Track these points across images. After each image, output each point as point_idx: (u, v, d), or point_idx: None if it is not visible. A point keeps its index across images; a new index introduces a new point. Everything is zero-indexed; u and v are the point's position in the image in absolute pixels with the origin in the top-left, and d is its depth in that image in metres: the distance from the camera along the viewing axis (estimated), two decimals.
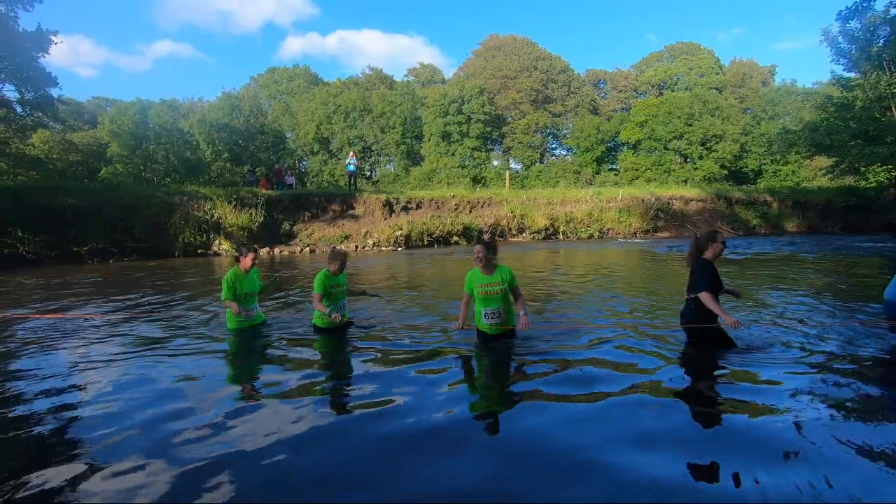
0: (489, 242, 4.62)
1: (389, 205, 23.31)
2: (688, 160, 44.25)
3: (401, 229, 21.13)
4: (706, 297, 4.12)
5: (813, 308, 6.42)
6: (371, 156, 47.83)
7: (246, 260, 5.45)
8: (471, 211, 24.63)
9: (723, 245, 4.39)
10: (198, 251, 18.26)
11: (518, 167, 48.86)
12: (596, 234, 25.23)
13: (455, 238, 22.31)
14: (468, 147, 45.29)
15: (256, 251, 5.60)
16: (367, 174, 47.56)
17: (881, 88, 25.26)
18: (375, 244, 20.66)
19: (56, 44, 19.07)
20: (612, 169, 46.96)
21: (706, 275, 4.23)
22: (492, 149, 49.25)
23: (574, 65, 53.38)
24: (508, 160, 49.59)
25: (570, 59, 67.82)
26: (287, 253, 19.02)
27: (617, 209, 26.49)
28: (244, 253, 5.51)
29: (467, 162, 45.61)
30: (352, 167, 25.35)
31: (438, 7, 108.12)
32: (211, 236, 18.81)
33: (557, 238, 24.44)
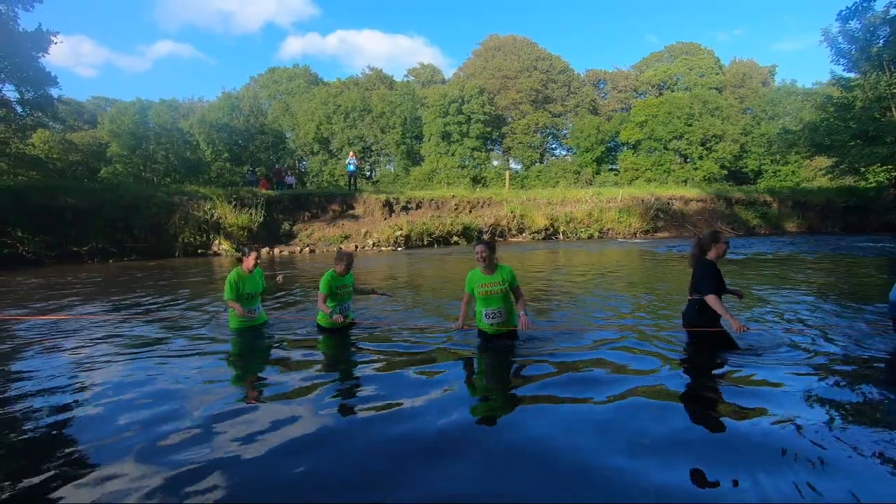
0: (490, 242, 4.62)
1: (389, 205, 23.31)
2: (688, 160, 44.26)
3: (400, 229, 21.13)
4: (713, 300, 4.09)
5: (815, 308, 6.41)
6: (371, 156, 47.84)
7: (249, 260, 5.44)
8: (471, 211, 24.63)
9: (726, 245, 4.37)
10: (198, 251, 18.26)
11: (518, 167, 48.88)
12: (596, 235, 25.23)
13: (455, 238, 22.30)
14: (468, 147, 45.29)
15: (259, 251, 5.59)
16: (367, 174, 47.57)
17: (881, 89, 25.27)
18: (375, 244, 20.66)
19: (56, 44, 19.08)
20: (612, 169, 46.97)
21: (709, 276, 4.20)
22: (492, 149, 49.26)
23: (574, 65, 53.45)
24: (508, 160, 49.60)
25: (570, 60, 67.95)
26: (287, 253, 19.02)
27: (617, 209, 26.49)
28: (247, 253, 5.49)
29: (467, 162, 45.62)
30: (352, 167, 25.35)
31: (438, 7, 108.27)
32: (211, 236, 18.81)
33: (557, 238, 24.44)
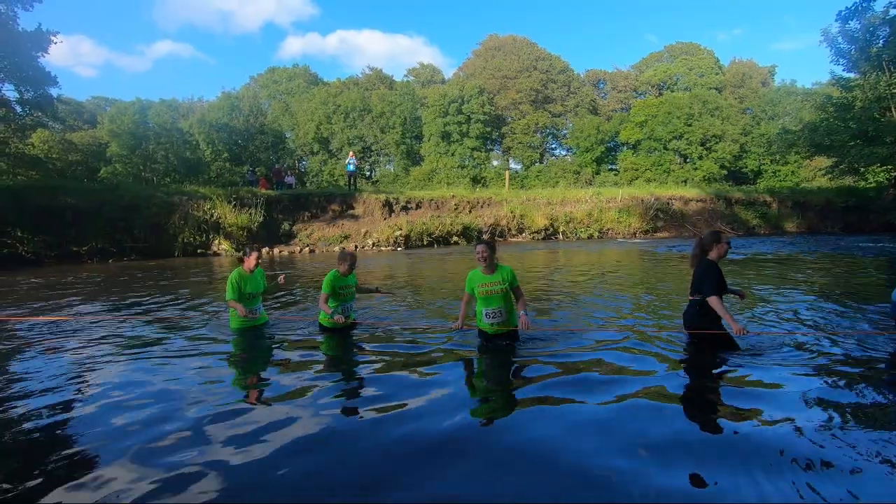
0: (491, 242, 4.63)
1: (389, 205, 23.30)
2: (687, 160, 44.27)
3: (400, 229, 21.13)
4: (715, 302, 4.07)
5: (816, 309, 6.40)
6: (371, 156, 47.83)
7: (250, 260, 5.45)
8: (470, 211, 24.63)
9: (727, 245, 4.35)
10: (197, 251, 18.26)
11: (518, 167, 48.88)
12: (595, 235, 25.24)
13: (455, 238, 22.31)
14: (468, 147, 45.29)
15: (260, 251, 5.59)
16: (367, 174, 47.55)
17: (881, 89, 25.30)
18: (375, 244, 20.66)
19: (56, 43, 19.07)
20: (612, 169, 46.97)
21: (711, 276, 4.18)
22: (491, 149, 49.26)
23: (574, 65, 53.44)
24: (508, 160, 49.60)
25: (570, 60, 67.89)
26: (286, 253, 19.02)
27: (616, 209, 26.50)
28: (248, 253, 5.50)
29: (467, 162, 45.62)
30: (351, 167, 25.36)
31: (438, 7, 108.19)
32: (210, 236, 18.81)
33: (557, 238, 24.44)
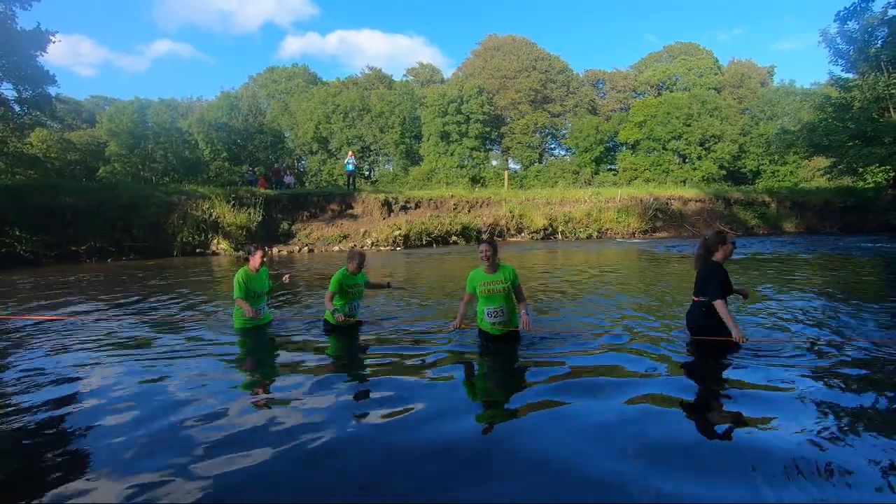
0: (493, 242, 4.64)
1: (388, 204, 23.29)
2: (686, 160, 44.33)
3: (399, 229, 21.12)
4: (720, 306, 4.05)
5: (818, 310, 6.38)
6: (370, 155, 47.81)
7: (255, 259, 5.47)
8: (469, 211, 24.64)
9: (732, 246, 4.33)
10: (196, 250, 18.25)
11: (517, 167, 48.93)
12: (595, 235, 25.25)
13: (454, 238, 22.30)
14: (467, 147, 45.31)
15: (265, 249, 5.61)
16: (366, 174, 47.53)
17: (879, 89, 25.36)
18: (374, 244, 20.65)
19: (54, 43, 19.03)
20: (611, 169, 47.03)
21: (716, 278, 4.14)
22: (490, 149, 49.28)
23: (573, 65, 53.55)
24: (507, 160, 49.63)
25: (569, 60, 67.99)
26: (286, 252, 19.01)
27: (615, 209, 26.52)
28: (253, 252, 5.52)
29: (466, 162, 45.63)
30: (350, 167, 25.36)
31: (438, 7, 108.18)
32: (209, 235, 18.80)
33: (556, 238, 24.45)
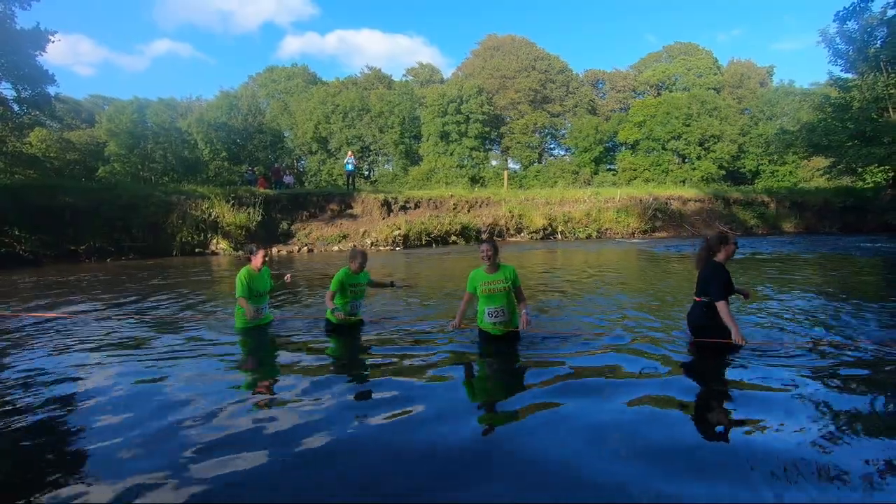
0: (494, 242, 4.66)
1: (387, 204, 23.29)
2: (686, 160, 44.37)
3: (399, 229, 21.12)
4: (723, 307, 4.04)
5: (819, 310, 6.39)
6: (369, 155, 47.81)
7: (257, 258, 5.49)
8: (469, 211, 24.64)
9: (735, 246, 4.32)
10: (195, 250, 18.24)
11: (516, 167, 48.95)
12: (594, 235, 25.26)
13: (453, 238, 22.30)
14: (466, 147, 45.32)
15: (267, 249, 5.62)
16: (366, 174, 47.53)
17: (878, 89, 25.38)
18: (373, 244, 20.64)
19: (53, 42, 19.02)
20: (611, 169, 47.06)
21: (718, 279, 4.13)
22: (490, 149, 49.31)
23: (572, 65, 53.59)
24: (507, 160, 49.66)
25: (569, 60, 67.85)
26: (285, 252, 19.00)
27: (615, 209, 26.53)
28: (255, 251, 5.54)
29: (465, 162, 45.64)
30: (350, 167, 25.36)
31: (438, 7, 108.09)
32: (209, 235, 18.78)
33: (555, 238, 24.45)
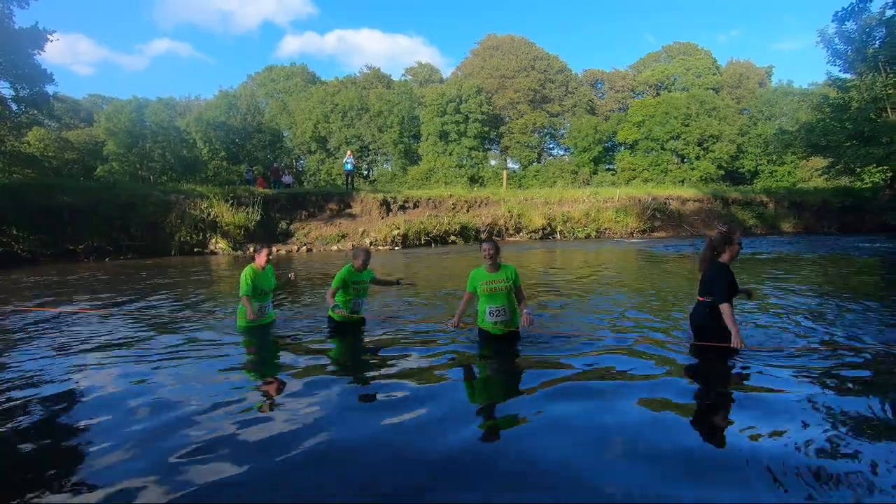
0: (495, 241, 4.68)
1: (387, 204, 23.27)
2: (685, 160, 44.41)
3: (398, 228, 21.11)
4: (726, 310, 4.03)
5: (820, 310, 6.39)
6: (368, 155, 47.77)
7: (261, 257, 5.49)
8: (468, 210, 24.63)
9: (739, 246, 4.31)
10: (194, 250, 18.21)
11: (515, 167, 48.96)
12: (593, 234, 25.26)
13: (452, 237, 22.30)
14: (466, 146, 45.31)
15: (271, 248, 5.63)
16: (365, 173, 47.50)
17: (877, 89, 25.41)
18: (373, 243, 20.63)
19: (52, 41, 18.97)
20: (610, 169, 47.09)
21: (722, 280, 4.11)
22: (489, 148, 49.31)
23: (571, 65, 53.64)
24: (506, 160, 49.67)
25: (568, 59, 67.92)
26: (284, 252, 18.98)
27: (614, 209, 26.54)
28: (258, 250, 5.55)
29: (465, 161, 45.63)
30: (349, 166, 25.35)
31: (437, 7, 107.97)
32: (207, 235, 18.75)
33: (554, 238, 24.46)
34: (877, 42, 25.27)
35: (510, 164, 49.16)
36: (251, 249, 5.67)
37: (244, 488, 2.38)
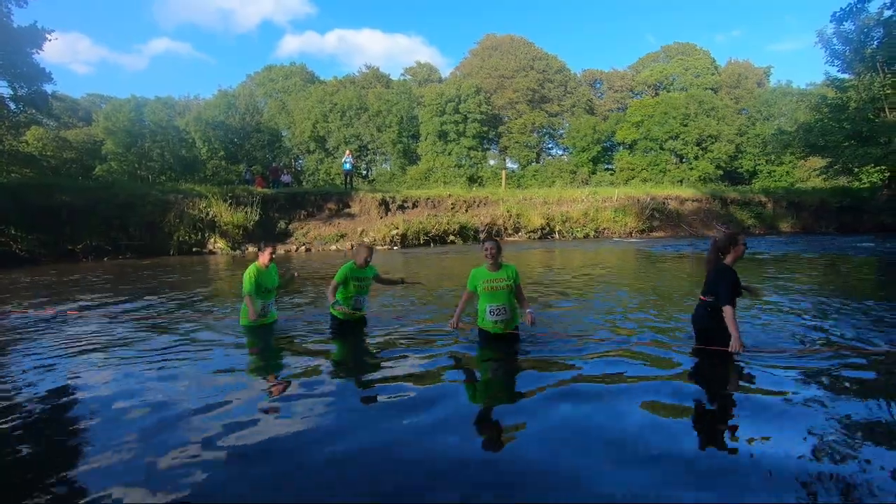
0: (497, 240, 4.69)
1: (385, 204, 23.26)
2: (683, 160, 44.48)
3: (397, 228, 21.10)
4: (728, 313, 4.02)
5: (820, 310, 6.38)
6: (367, 154, 47.75)
7: (264, 255, 5.50)
8: (467, 210, 24.62)
9: (744, 247, 4.31)
10: (192, 249, 18.17)
11: (514, 167, 48.97)
12: (592, 234, 25.28)
13: (451, 237, 22.30)
14: (464, 146, 45.31)
15: (274, 246, 5.62)
16: (364, 173, 47.47)
17: (875, 90, 25.48)
18: (371, 243, 20.63)
19: (51, 41, 18.92)
20: (608, 169, 47.15)
21: (727, 282, 4.10)
22: (488, 148, 49.32)
23: (570, 65, 53.61)
24: (505, 160, 49.68)
25: (567, 59, 68.11)
26: (283, 252, 18.94)
27: (613, 209, 26.57)
28: (262, 248, 5.56)
29: (464, 161, 45.64)
30: (348, 166, 25.34)
31: (437, 7, 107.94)
32: (206, 234, 18.71)
33: (553, 238, 24.46)
34: (875, 42, 25.31)
35: (509, 164, 49.19)
36: (256, 248, 5.67)
37: (245, 488, 2.38)
